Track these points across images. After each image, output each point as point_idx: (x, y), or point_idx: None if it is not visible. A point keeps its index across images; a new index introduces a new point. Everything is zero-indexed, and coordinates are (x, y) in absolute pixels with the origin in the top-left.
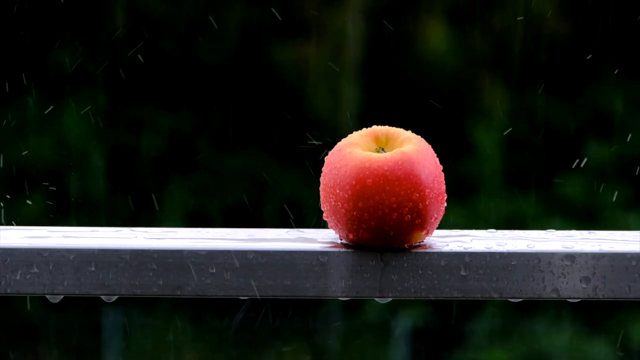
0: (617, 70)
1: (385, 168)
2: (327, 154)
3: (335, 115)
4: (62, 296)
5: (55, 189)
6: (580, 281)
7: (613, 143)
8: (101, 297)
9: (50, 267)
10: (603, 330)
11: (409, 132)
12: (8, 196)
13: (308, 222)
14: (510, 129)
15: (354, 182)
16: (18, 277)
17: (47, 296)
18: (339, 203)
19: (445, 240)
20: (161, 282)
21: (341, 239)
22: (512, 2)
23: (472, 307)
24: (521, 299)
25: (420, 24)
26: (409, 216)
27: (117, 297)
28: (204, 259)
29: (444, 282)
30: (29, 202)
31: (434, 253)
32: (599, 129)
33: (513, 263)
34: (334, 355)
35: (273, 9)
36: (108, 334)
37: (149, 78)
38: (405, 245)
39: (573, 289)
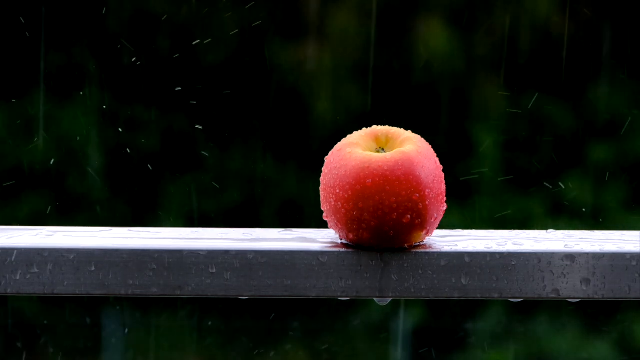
0: (618, 71)
1: (385, 168)
2: (327, 154)
3: (335, 115)
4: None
5: (55, 188)
6: (580, 281)
7: (614, 143)
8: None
9: (50, 267)
10: (603, 330)
11: (409, 132)
12: (8, 195)
13: (308, 222)
14: (511, 129)
15: (354, 182)
16: (18, 277)
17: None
18: (339, 203)
19: (445, 240)
20: (161, 282)
21: (341, 239)
22: (513, 2)
23: (472, 307)
24: (521, 299)
25: (421, 24)
26: (409, 216)
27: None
28: (204, 259)
29: (444, 282)
30: (28, 202)
31: (434, 253)
32: (600, 129)
33: (513, 263)
34: (333, 355)
35: (273, 10)
36: (108, 334)
37: (149, 78)
38: (405, 245)
39: (573, 289)
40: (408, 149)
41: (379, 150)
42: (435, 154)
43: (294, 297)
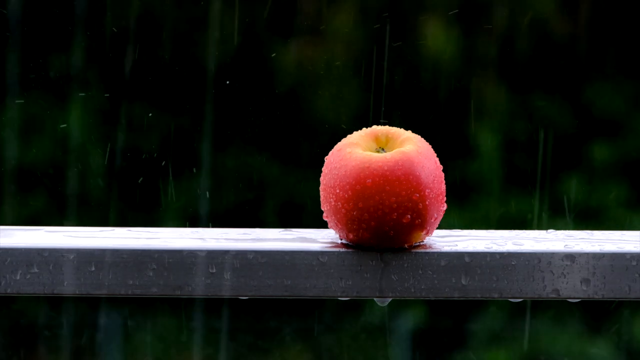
0: (618, 70)
1: (385, 168)
2: (327, 154)
3: (335, 115)
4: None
5: (55, 188)
6: (580, 281)
7: (614, 143)
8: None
9: (50, 267)
10: (603, 330)
11: (409, 132)
12: (8, 195)
13: (308, 222)
14: (511, 129)
15: (353, 182)
16: (18, 277)
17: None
18: (339, 203)
19: (445, 240)
20: (161, 282)
21: (341, 239)
22: (513, 2)
23: (472, 307)
24: (521, 299)
25: (421, 24)
26: (409, 216)
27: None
28: (204, 259)
29: (444, 282)
30: (29, 201)
31: (434, 253)
32: (599, 129)
33: (513, 263)
34: (334, 356)
35: (273, 10)
36: (108, 334)
37: (149, 78)
38: (405, 245)
39: (573, 289)
40: (408, 149)
41: (379, 150)
42: (435, 154)
43: (294, 297)
